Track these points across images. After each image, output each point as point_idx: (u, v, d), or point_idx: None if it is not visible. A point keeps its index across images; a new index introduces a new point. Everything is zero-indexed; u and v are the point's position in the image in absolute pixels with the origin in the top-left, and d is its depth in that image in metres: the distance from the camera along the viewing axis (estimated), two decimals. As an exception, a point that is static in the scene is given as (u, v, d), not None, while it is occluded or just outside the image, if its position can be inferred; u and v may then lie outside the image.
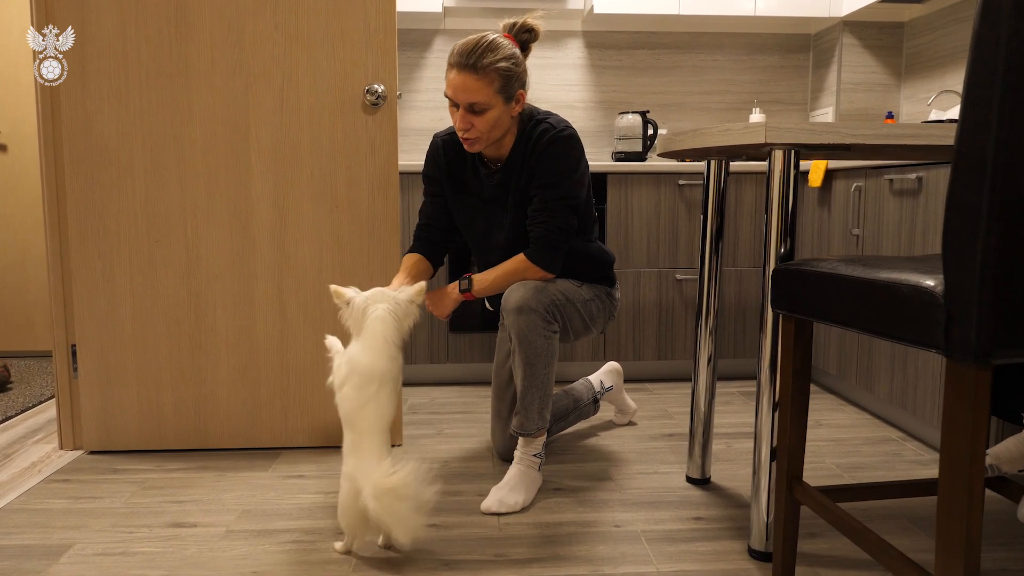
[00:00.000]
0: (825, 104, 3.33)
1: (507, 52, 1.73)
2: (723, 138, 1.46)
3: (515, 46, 1.77)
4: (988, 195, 0.89)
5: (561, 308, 1.84)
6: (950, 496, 0.96)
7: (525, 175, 1.84)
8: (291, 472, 2.02)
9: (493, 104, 1.73)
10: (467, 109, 1.74)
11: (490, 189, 1.90)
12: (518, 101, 1.79)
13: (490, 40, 1.72)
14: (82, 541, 1.62)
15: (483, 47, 1.70)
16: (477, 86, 1.71)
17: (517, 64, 1.75)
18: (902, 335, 1.02)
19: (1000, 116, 0.87)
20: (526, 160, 1.83)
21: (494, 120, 1.76)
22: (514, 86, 1.76)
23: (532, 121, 1.84)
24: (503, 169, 1.86)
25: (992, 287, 0.90)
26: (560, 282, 1.89)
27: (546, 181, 1.80)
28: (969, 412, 0.93)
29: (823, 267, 1.22)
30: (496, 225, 1.93)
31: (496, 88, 1.72)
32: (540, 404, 1.83)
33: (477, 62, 1.69)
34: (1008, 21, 0.85)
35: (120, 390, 2.14)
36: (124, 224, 2.08)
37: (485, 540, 1.62)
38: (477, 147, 1.81)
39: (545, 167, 1.80)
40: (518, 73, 1.76)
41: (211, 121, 2.06)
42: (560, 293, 1.85)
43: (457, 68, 1.71)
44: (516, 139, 1.85)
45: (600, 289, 1.99)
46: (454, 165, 1.95)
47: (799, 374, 1.35)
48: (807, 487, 1.33)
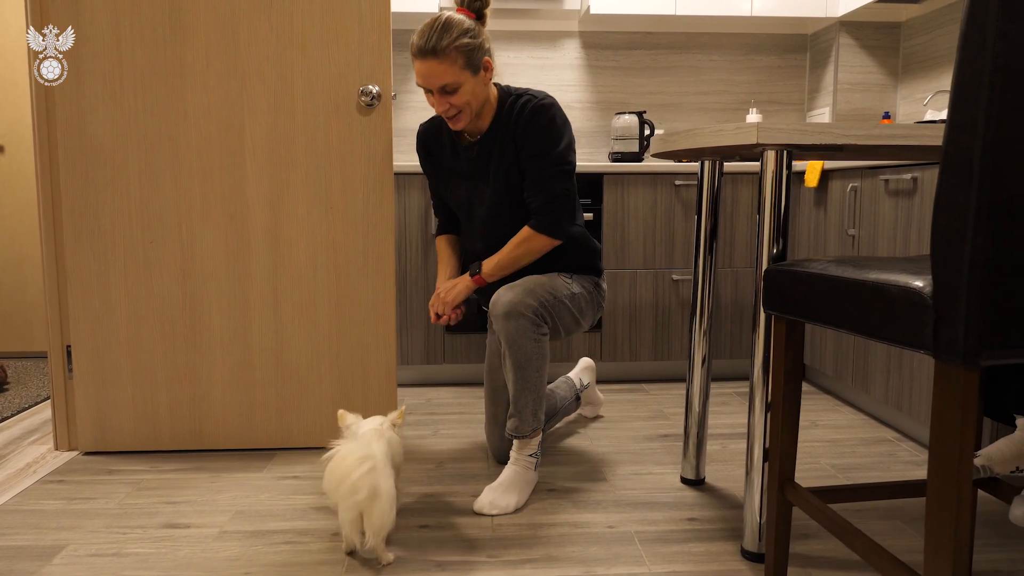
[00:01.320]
0: (822, 104, 3.33)
1: (463, 27, 1.77)
2: (715, 139, 1.46)
3: (469, 17, 1.81)
4: (976, 196, 0.89)
5: (550, 308, 1.85)
6: (939, 497, 0.96)
7: (509, 149, 1.87)
8: (285, 473, 2.02)
9: (463, 80, 1.78)
10: (440, 92, 1.78)
11: (468, 163, 1.94)
12: (487, 69, 1.84)
13: (443, 21, 1.76)
14: (75, 542, 1.62)
15: (438, 30, 1.74)
16: (441, 69, 1.75)
17: (475, 36, 1.79)
18: (891, 336, 1.02)
19: (987, 117, 0.87)
20: (508, 133, 1.87)
21: (469, 93, 1.80)
22: (478, 57, 1.80)
23: (511, 97, 1.89)
24: (481, 142, 1.90)
25: (980, 288, 0.90)
26: (549, 277, 1.90)
27: (537, 151, 1.84)
28: (957, 413, 0.93)
29: (814, 268, 1.22)
30: (477, 198, 1.96)
31: (461, 65, 1.77)
32: (534, 406, 1.83)
33: (436, 46, 1.73)
34: (994, 22, 0.85)
35: (115, 391, 2.14)
36: (119, 225, 2.08)
37: (478, 541, 1.62)
38: (461, 123, 1.84)
39: (533, 137, 1.83)
40: (478, 44, 1.80)
41: (206, 122, 2.06)
42: (548, 292, 1.85)
43: (419, 56, 1.76)
44: (495, 114, 1.89)
45: (588, 280, 2.00)
46: (434, 148, 2.02)
47: (791, 375, 1.34)
48: (799, 488, 1.32)
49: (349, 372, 2.17)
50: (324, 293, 2.14)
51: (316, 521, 1.72)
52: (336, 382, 2.17)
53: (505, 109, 1.88)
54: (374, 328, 2.16)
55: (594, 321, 2.06)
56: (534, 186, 1.85)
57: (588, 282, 2.00)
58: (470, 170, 1.95)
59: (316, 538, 1.64)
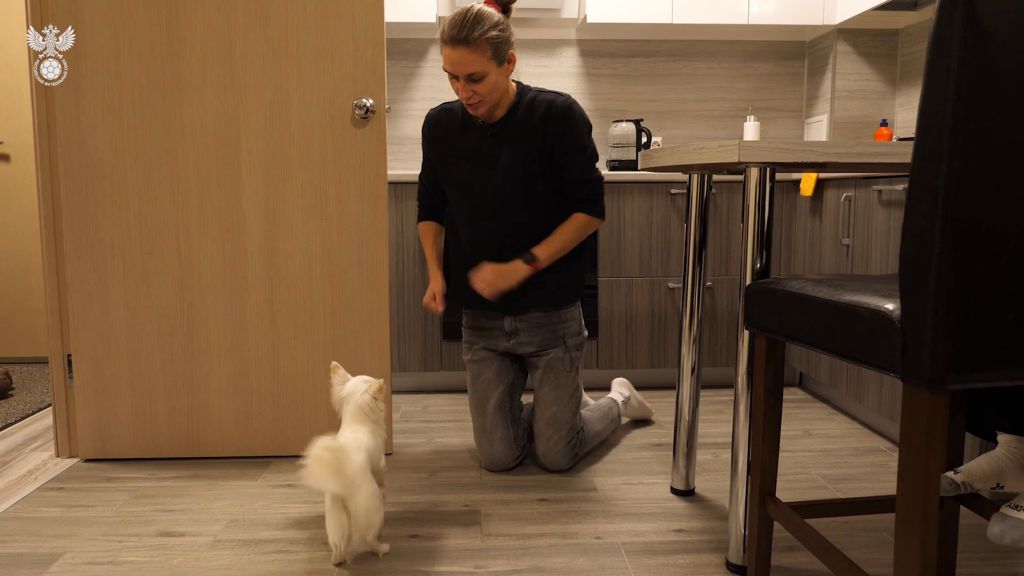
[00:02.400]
0: (820, 112, 3.33)
1: (493, 20, 1.88)
2: (698, 156, 1.48)
3: (498, 11, 1.92)
4: (940, 223, 0.90)
5: (575, 415, 2.12)
6: (906, 517, 0.97)
7: (529, 140, 1.98)
8: (280, 481, 2.04)
9: (489, 71, 1.89)
10: (466, 79, 1.89)
11: (478, 145, 2.03)
12: (510, 61, 1.95)
13: (476, 12, 1.87)
14: (72, 550, 1.65)
15: (471, 20, 1.85)
16: (471, 58, 1.85)
17: (503, 30, 1.90)
18: (862, 358, 1.04)
19: (951, 145, 0.88)
20: (529, 126, 1.98)
21: (492, 83, 1.91)
22: (504, 49, 1.91)
23: (530, 92, 2.03)
24: (495, 127, 2.01)
25: (946, 314, 0.91)
26: (559, 373, 2.11)
27: (576, 147, 1.99)
28: (924, 436, 0.94)
29: (792, 286, 1.23)
30: (480, 181, 2.03)
31: (489, 56, 1.87)
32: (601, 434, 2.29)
33: (468, 36, 1.83)
34: (957, 52, 0.86)
35: (114, 399, 2.17)
36: (118, 237, 2.11)
37: (467, 551, 1.64)
38: (482, 110, 1.95)
39: (570, 135, 1.98)
40: (506, 37, 1.91)
41: (203, 135, 2.09)
42: (575, 402, 2.12)
43: (450, 44, 1.86)
44: (512, 105, 2.01)
45: (575, 309, 2.16)
46: (443, 129, 2.10)
47: (771, 391, 1.36)
48: (779, 503, 1.34)
49: (344, 381, 2.20)
50: (319, 303, 2.17)
51: (308, 530, 1.75)
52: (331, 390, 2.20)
53: (524, 102, 2.01)
54: (369, 337, 2.19)
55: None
56: (579, 178, 2.02)
57: (575, 323, 2.15)
58: (478, 152, 2.03)
59: (307, 547, 1.66)
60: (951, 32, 0.86)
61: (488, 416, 2.11)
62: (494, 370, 2.13)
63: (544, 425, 2.10)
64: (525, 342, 2.12)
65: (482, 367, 2.14)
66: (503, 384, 2.13)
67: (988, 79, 0.86)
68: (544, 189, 2.02)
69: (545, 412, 2.10)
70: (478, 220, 2.06)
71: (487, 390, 2.12)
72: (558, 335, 2.11)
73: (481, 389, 2.13)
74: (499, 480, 2.06)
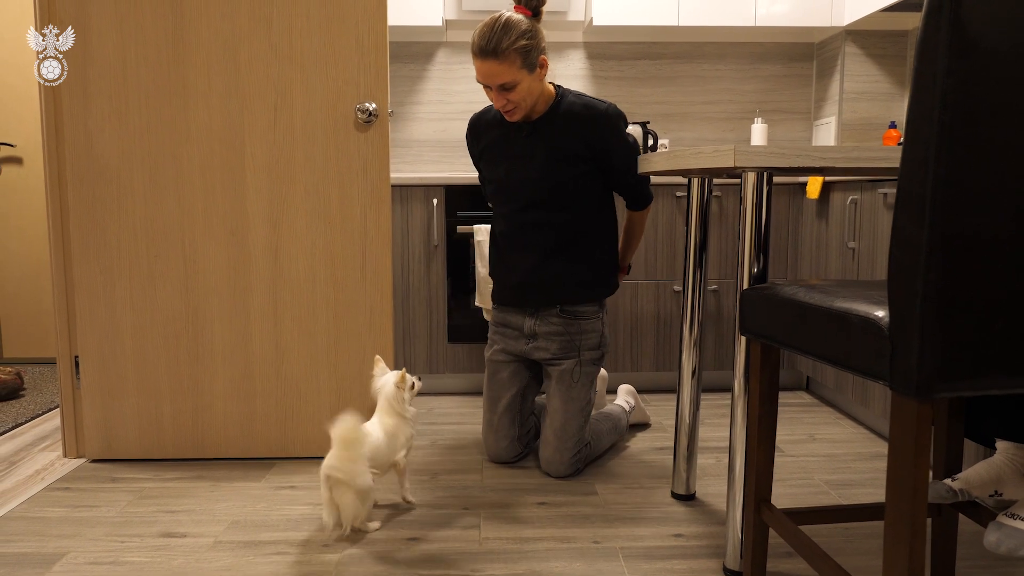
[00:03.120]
0: (828, 114, 3.31)
1: (521, 29, 1.87)
2: (694, 161, 1.47)
3: (527, 15, 1.91)
4: (928, 231, 0.90)
5: (584, 429, 2.12)
6: (895, 525, 0.97)
7: (569, 141, 2.01)
8: (283, 483, 2.06)
9: (520, 79, 1.90)
10: (499, 88, 1.91)
11: (516, 144, 2.06)
12: (542, 66, 1.96)
13: (504, 22, 1.86)
14: (75, 550, 1.67)
15: (498, 32, 1.85)
16: (501, 69, 1.87)
17: (532, 37, 1.89)
18: (852, 364, 1.03)
19: (938, 153, 0.88)
20: (570, 128, 2.01)
21: (526, 90, 1.93)
22: (534, 56, 1.92)
23: (570, 95, 2.05)
24: (533, 125, 2.04)
25: (933, 322, 0.91)
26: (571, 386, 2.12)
27: (624, 155, 2.03)
28: (912, 445, 0.94)
29: (785, 292, 1.23)
30: (516, 176, 2.07)
31: (519, 65, 1.89)
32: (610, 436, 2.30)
33: (496, 47, 1.85)
34: (943, 59, 0.86)
35: (121, 400, 2.19)
36: (124, 240, 2.14)
37: (464, 555, 1.65)
38: (517, 115, 1.99)
39: (620, 145, 2.02)
40: (535, 44, 1.92)
41: (208, 140, 2.11)
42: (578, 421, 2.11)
43: (480, 57, 1.88)
44: (550, 105, 2.03)
45: (596, 320, 2.16)
46: (483, 131, 2.15)
47: (766, 397, 1.35)
48: (774, 510, 1.34)
49: (347, 383, 2.21)
50: (323, 306, 2.18)
51: (308, 532, 1.76)
52: (334, 393, 2.22)
53: (565, 103, 2.02)
54: (371, 340, 2.20)
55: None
56: (631, 179, 2.08)
57: (596, 336, 2.15)
58: (515, 151, 2.07)
59: (306, 549, 1.67)
60: (937, 39, 0.86)
61: (497, 414, 2.18)
62: (510, 372, 2.19)
63: (551, 433, 2.11)
64: (542, 347, 2.14)
65: (499, 367, 2.20)
66: (516, 387, 2.18)
67: (975, 86, 0.86)
68: (578, 188, 2.04)
69: (554, 421, 2.11)
70: (513, 217, 2.10)
71: (500, 390, 2.19)
72: (575, 345, 2.12)
73: (495, 388, 2.20)
74: (500, 483, 2.06)
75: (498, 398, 2.18)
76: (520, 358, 2.19)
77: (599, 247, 2.11)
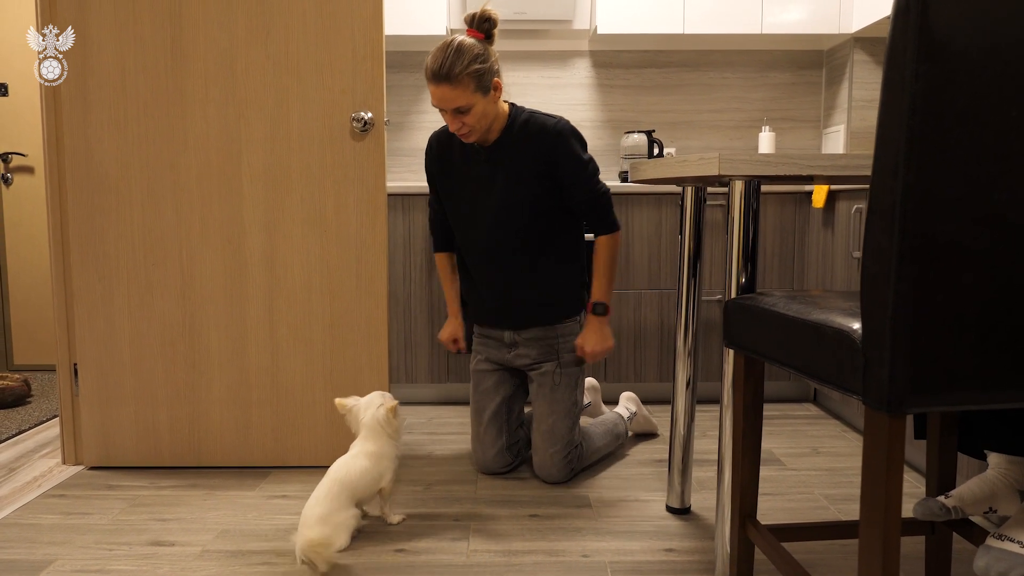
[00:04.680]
0: (837, 122, 3.27)
1: (474, 53, 1.88)
2: (680, 169, 1.45)
3: (479, 39, 1.92)
4: (898, 240, 0.87)
5: (573, 430, 2.12)
6: (868, 541, 0.93)
7: (524, 163, 2.01)
8: (276, 492, 2.05)
9: (474, 102, 1.90)
10: (454, 112, 1.91)
11: (475, 168, 2.06)
12: (495, 89, 1.96)
13: (455, 47, 1.87)
14: (64, 557, 1.68)
15: (451, 56, 1.85)
16: (455, 94, 1.87)
17: (485, 60, 1.90)
18: (826, 377, 1.00)
19: (907, 160, 0.85)
20: (523, 149, 2.00)
21: (480, 113, 1.93)
22: (487, 79, 1.92)
23: (523, 115, 2.03)
24: (489, 151, 2.03)
25: (904, 335, 0.88)
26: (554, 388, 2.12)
27: (575, 169, 2.00)
28: (883, 460, 0.90)
29: (764, 303, 1.20)
30: (481, 202, 2.07)
31: (472, 89, 1.89)
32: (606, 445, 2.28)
33: (449, 72, 1.85)
34: (911, 63, 0.83)
35: (118, 408, 2.20)
36: (123, 248, 2.15)
37: (451, 568, 1.63)
38: (473, 138, 1.98)
39: (568, 154, 1.99)
40: (488, 67, 1.92)
41: (205, 149, 2.13)
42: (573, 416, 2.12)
43: (434, 81, 1.88)
44: (505, 127, 2.03)
45: (574, 323, 2.16)
46: (444, 153, 2.13)
47: (750, 410, 1.32)
48: (759, 526, 1.30)
49: (343, 392, 2.20)
50: (318, 314, 2.18)
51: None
52: (330, 401, 2.21)
53: (517, 124, 2.02)
54: (367, 349, 2.19)
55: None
56: (586, 196, 2.03)
57: (573, 337, 2.15)
58: (475, 175, 2.06)
59: (293, 559, 1.66)
60: (904, 42, 0.83)
61: (483, 424, 2.17)
62: (494, 381, 2.19)
63: (540, 438, 2.10)
64: (523, 354, 2.15)
65: (483, 377, 2.21)
66: (500, 395, 2.18)
67: (944, 90, 0.83)
68: (540, 210, 2.04)
69: (541, 425, 2.10)
70: (480, 241, 2.09)
71: (485, 399, 2.18)
72: (554, 349, 2.13)
73: (480, 398, 2.20)
74: (493, 495, 2.04)
75: (483, 408, 2.18)
76: (504, 367, 2.21)
77: (568, 264, 2.12)
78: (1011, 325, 0.88)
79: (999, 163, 0.84)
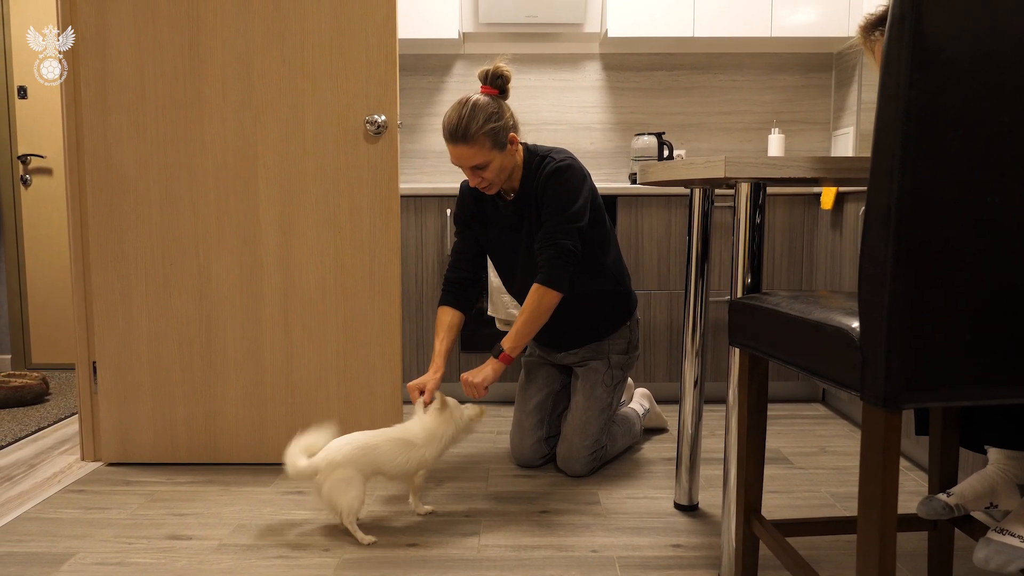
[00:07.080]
0: (847, 124, 3.28)
1: (488, 112, 1.92)
2: (687, 171, 1.48)
3: (494, 95, 1.97)
4: (894, 242, 0.89)
5: (604, 431, 2.18)
6: (865, 535, 0.96)
7: (533, 205, 2.05)
8: (291, 488, 2.10)
9: (492, 158, 1.95)
10: (472, 168, 1.96)
11: (507, 216, 2.13)
12: (512, 143, 2.00)
13: (471, 106, 1.91)
14: (84, 551, 1.72)
15: (466, 117, 1.90)
16: (471, 152, 1.93)
17: (499, 118, 1.94)
18: (826, 374, 1.03)
19: (902, 164, 0.88)
20: (533, 192, 2.04)
21: (498, 168, 1.98)
22: (503, 136, 1.96)
23: (536, 158, 2.06)
24: (515, 199, 2.10)
25: (900, 332, 0.90)
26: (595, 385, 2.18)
27: (551, 209, 1.99)
28: (880, 456, 0.93)
29: (768, 302, 1.23)
30: (515, 247, 2.14)
31: (489, 147, 1.93)
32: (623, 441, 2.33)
33: (465, 133, 1.90)
34: (905, 71, 0.86)
35: (137, 405, 2.25)
36: (141, 248, 2.20)
37: (461, 562, 1.66)
38: (493, 190, 2.04)
39: (549, 197, 2.00)
40: (503, 124, 1.96)
41: (222, 151, 2.17)
42: (599, 422, 2.16)
43: (451, 142, 1.94)
44: (524, 173, 2.07)
45: (625, 329, 2.22)
46: (479, 203, 2.19)
47: (755, 408, 1.35)
48: (764, 522, 1.33)
49: (356, 391, 2.24)
50: (332, 314, 2.22)
51: (311, 537, 1.79)
52: (343, 400, 2.25)
53: (532, 169, 2.05)
54: (380, 348, 2.23)
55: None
56: (544, 239, 1.99)
57: (625, 330, 2.22)
58: (508, 222, 2.13)
59: (308, 553, 1.70)
60: (899, 50, 0.86)
61: (526, 412, 2.26)
62: (543, 374, 2.31)
63: (571, 430, 2.16)
64: (573, 352, 2.25)
65: (534, 368, 2.33)
66: (547, 389, 2.29)
67: (937, 97, 0.86)
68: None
69: (575, 419, 2.17)
70: (517, 281, 2.18)
71: (532, 388, 2.29)
72: (603, 349, 2.21)
73: (526, 388, 2.31)
74: (504, 491, 2.07)
75: (529, 397, 2.27)
76: (553, 363, 2.31)
77: (607, 283, 2.15)
78: (1004, 324, 0.91)
79: (991, 167, 0.86)
